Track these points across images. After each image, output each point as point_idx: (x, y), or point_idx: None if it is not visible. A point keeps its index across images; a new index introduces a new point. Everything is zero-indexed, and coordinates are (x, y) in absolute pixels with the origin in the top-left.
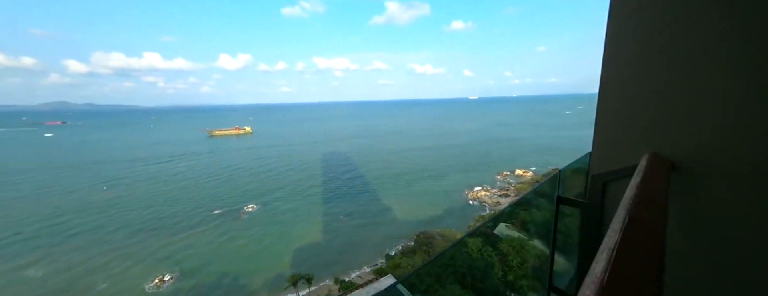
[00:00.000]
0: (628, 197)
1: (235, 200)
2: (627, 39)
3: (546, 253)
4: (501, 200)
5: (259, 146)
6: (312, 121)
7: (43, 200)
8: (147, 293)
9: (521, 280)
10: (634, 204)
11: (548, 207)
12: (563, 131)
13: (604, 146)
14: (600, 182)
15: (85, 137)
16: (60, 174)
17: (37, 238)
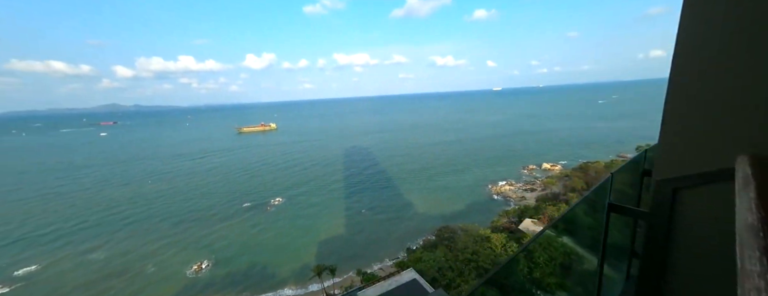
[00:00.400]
0: (746, 205)
1: (263, 194)
2: (714, 19)
3: (586, 259)
4: (526, 194)
5: (284, 142)
6: (333, 116)
7: (102, 193)
8: (188, 277)
9: (548, 278)
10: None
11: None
12: (596, 122)
13: (675, 147)
14: (669, 189)
15: (133, 135)
16: (114, 169)
17: (99, 226)
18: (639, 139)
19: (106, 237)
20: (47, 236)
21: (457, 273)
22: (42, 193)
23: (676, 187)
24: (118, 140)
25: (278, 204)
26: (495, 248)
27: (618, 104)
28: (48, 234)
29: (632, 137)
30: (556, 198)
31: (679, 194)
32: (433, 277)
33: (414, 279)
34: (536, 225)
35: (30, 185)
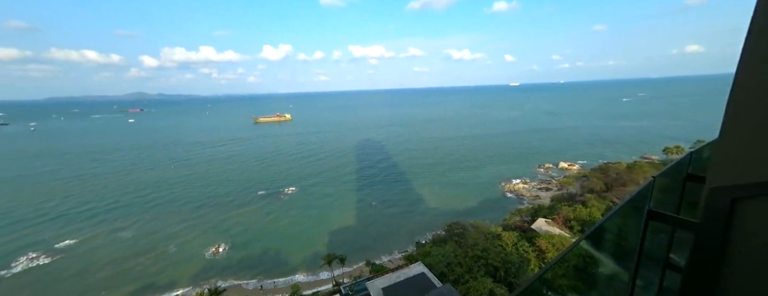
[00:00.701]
0: None
1: (277, 183)
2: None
3: (611, 269)
4: (541, 194)
5: (299, 133)
6: (348, 109)
7: (130, 176)
8: (206, 259)
9: (560, 279)
10: None
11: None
12: (619, 120)
13: (739, 151)
14: (726, 198)
15: (157, 123)
16: (140, 154)
17: (128, 207)
18: (667, 140)
19: (134, 217)
20: (84, 214)
21: (466, 270)
22: (79, 174)
23: (736, 196)
24: (144, 127)
25: (292, 193)
26: (506, 246)
27: (644, 103)
28: (84, 212)
29: (659, 138)
30: (572, 199)
31: (740, 205)
32: (442, 272)
33: (422, 272)
34: (550, 225)
35: (69, 166)
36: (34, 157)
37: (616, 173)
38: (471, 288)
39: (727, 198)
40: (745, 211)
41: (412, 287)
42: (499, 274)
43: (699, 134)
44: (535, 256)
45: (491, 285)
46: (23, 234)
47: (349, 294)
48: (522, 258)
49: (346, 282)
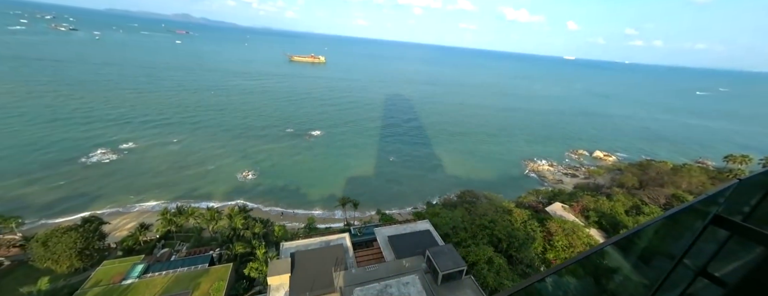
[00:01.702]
0: None
1: (305, 124)
2: None
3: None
4: (565, 179)
5: (331, 77)
6: (384, 59)
7: (178, 96)
8: (237, 180)
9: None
10: None
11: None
12: (683, 116)
13: None
14: None
15: (201, 47)
16: (186, 76)
17: (177, 124)
18: (733, 146)
19: (181, 134)
20: (141, 123)
21: (470, 235)
22: (136, 87)
23: None
24: (190, 50)
25: (317, 136)
26: (514, 221)
27: (723, 100)
28: (141, 121)
29: (724, 143)
30: (598, 190)
31: None
32: (446, 233)
33: (428, 230)
34: (566, 210)
35: (128, 78)
36: (102, 65)
37: (656, 173)
38: (471, 252)
39: None
40: None
41: (416, 241)
42: (501, 246)
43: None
44: (541, 237)
45: (491, 254)
46: (95, 132)
47: (356, 234)
48: (528, 236)
49: (356, 224)
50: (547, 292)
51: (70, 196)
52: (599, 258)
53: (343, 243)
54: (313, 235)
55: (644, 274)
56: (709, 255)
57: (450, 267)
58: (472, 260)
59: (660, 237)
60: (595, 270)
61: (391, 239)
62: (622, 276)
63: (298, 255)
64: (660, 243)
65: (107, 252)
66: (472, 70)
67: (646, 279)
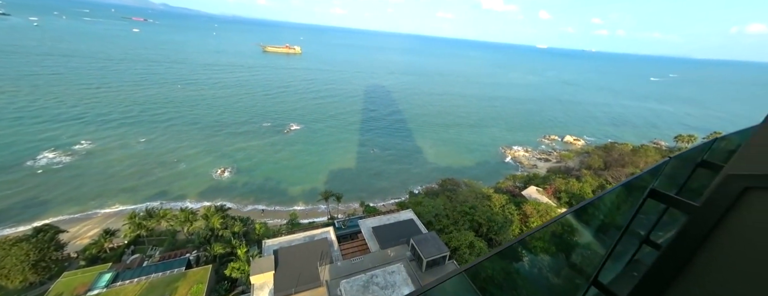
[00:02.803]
0: None
1: (283, 118)
2: None
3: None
4: (539, 163)
5: (308, 68)
6: (361, 49)
7: (140, 90)
8: (213, 179)
9: (536, 241)
10: None
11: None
12: (640, 101)
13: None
14: (738, 186)
15: (164, 36)
16: (150, 69)
17: (139, 120)
18: (682, 128)
19: (146, 131)
20: (96, 121)
21: (452, 222)
22: (88, 81)
23: (749, 185)
24: (151, 40)
25: (296, 130)
26: (493, 206)
27: (672, 85)
28: (96, 119)
29: (675, 125)
30: (569, 172)
31: (750, 194)
32: (429, 221)
33: (411, 219)
34: (540, 193)
35: (78, 71)
36: (46, 56)
37: (618, 154)
38: (453, 238)
39: (740, 186)
40: (754, 201)
41: (400, 230)
42: (482, 230)
43: (721, 126)
44: (518, 219)
45: (472, 238)
46: (48, 133)
47: (341, 227)
48: (506, 219)
49: (340, 218)
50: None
51: (19, 204)
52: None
53: (328, 236)
54: (297, 231)
55: (600, 241)
56: (651, 224)
57: (433, 253)
58: (454, 245)
59: (608, 210)
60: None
61: (375, 230)
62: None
63: (282, 251)
64: (609, 214)
65: (67, 263)
66: (451, 60)
67: (601, 247)
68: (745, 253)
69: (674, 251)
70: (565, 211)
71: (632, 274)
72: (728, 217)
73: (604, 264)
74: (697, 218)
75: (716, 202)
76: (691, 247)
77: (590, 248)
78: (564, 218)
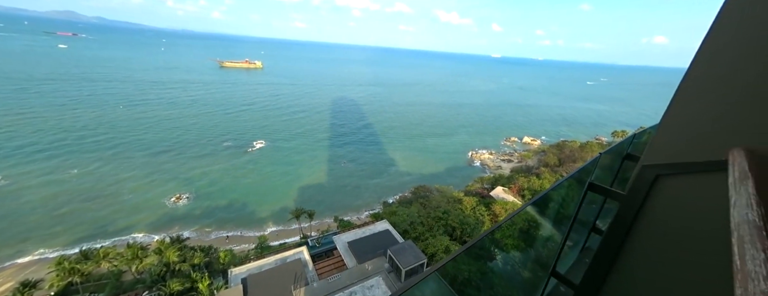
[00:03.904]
0: (744, 201)
1: (245, 135)
2: (753, 17)
3: (549, 232)
4: (503, 164)
5: (270, 83)
6: (325, 62)
7: (70, 113)
8: (166, 207)
9: (507, 239)
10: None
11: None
12: (582, 102)
13: (672, 134)
14: (651, 175)
15: (101, 53)
16: (82, 88)
17: (74, 150)
18: (617, 124)
19: (78, 160)
20: (14, 152)
21: (427, 228)
22: (7, 107)
23: (660, 173)
24: (83, 56)
25: (261, 147)
26: (465, 209)
27: (604, 87)
28: (15, 150)
29: (610, 122)
30: (529, 171)
31: (661, 181)
32: (405, 230)
33: (387, 229)
34: (506, 193)
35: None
36: None
37: (569, 151)
38: (429, 244)
39: (653, 174)
40: (664, 187)
41: (376, 242)
42: (456, 233)
43: (645, 122)
44: (489, 219)
45: (447, 242)
46: None
47: (315, 246)
48: (477, 221)
49: (313, 236)
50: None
51: None
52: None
53: (301, 256)
54: (267, 254)
55: (560, 234)
56: (595, 214)
57: (411, 262)
58: (431, 252)
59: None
60: (525, 234)
61: (351, 244)
62: (544, 238)
63: (251, 279)
64: (562, 208)
65: None
66: (415, 70)
67: (559, 239)
68: (662, 232)
69: (611, 236)
70: (523, 205)
71: (585, 261)
72: (647, 202)
73: (560, 255)
74: (625, 206)
75: (637, 190)
76: (623, 231)
77: (552, 240)
78: (527, 212)
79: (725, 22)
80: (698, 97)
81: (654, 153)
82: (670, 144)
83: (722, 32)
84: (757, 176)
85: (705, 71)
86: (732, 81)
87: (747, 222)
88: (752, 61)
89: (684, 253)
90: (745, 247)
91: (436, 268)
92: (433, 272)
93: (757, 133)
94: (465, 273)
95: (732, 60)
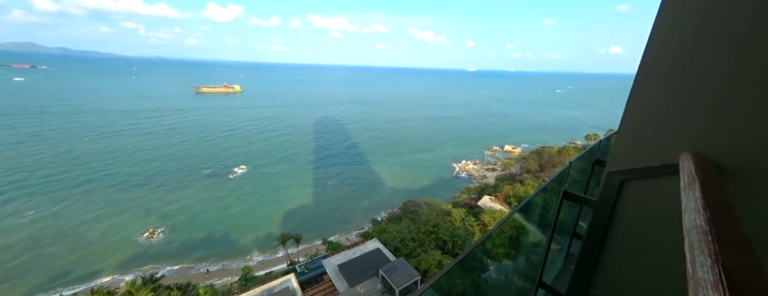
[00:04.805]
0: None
1: (225, 161)
2: (687, 21)
3: (531, 234)
4: (487, 174)
5: (250, 106)
6: (305, 83)
7: (34, 150)
8: (139, 244)
9: (498, 248)
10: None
11: (542, 194)
12: (555, 109)
13: (629, 140)
14: (617, 181)
15: (62, 84)
16: (46, 123)
17: (31, 191)
18: (589, 128)
19: (36, 200)
20: None
21: (419, 244)
22: None
23: (624, 179)
24: (42, 88)
25: (242, 173)
26: (454, 221)
27: (571, 94)
28: None
29: (584, 126)
30: (513, 178)
31: (626, 186)
32: (396, 247)
33: (377, 248)
34: (493, 201)
35: None
36: None
37: (548, 156)
38: (422, 260)
39: (618, 180)
40: (629, 191)
41: (367, 262)
42: (447, 247)
43: (613, 124)
44: (479, 229)
45: (440, 257)
46: None
47: (304, 272)
48: (468, 232)
49: (301, 261)
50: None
51: None
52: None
53: (289, 285)
54: (252, 286)
55: (544, 236)
56: (575, 220)
57: (405, 280)
58: (424, 268)
59: (547, 211)
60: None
61: (341, 267)
62: (532, 246)
63: None
64: (544, 210)
65: None
66: (394, 87)
67: (545, 242)
68: (633, 236)
69: (589, 242)
70: (509, 213)
71: (569, 268)
72: (617, 208)
73: (545, 264)
74: (598, 212)
75: (606, 195)
76: (600, 237)
77: (540, 246)
78: (514, 219)
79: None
80: (648, 102)
81: (617, 159)
82: (629, 149)
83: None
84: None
85: (651, 76)
86: (676, 84)
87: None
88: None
89: (653, 258)
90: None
91: (430, 284)
92: (427, 288)
93: (704, 135)
94: (460, 287)
95: (673, 62)
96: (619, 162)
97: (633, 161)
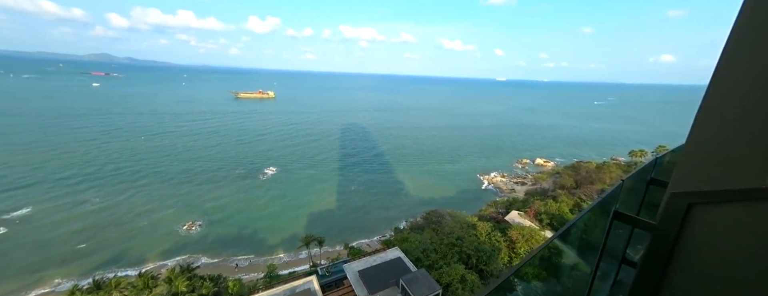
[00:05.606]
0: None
1: (257, 163)
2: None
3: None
4: (516, 187)
5: (282, 112)
6: (335, 90)
7: (103, 146)
8: (179, 234)
9: (526, 267)
10: None
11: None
12: (593, 122)
13: (700, 159)
14: (683, 204)
15: (127, 89)
16: (113, 123)
17: (98, 180)
18: (633, 143)
19: (101, 190)
20: (42, 184)
21: (441, 256)
22: (34, 140)
23: (692, 202)
24: (113, 93)
25: (272, 174)
26: (479, 235)
27: (612, 107)
28: (42, 181)
29: (628, 141)
30: (545, 194)
31: (694, 211)
32: (418, 257)
33: (399, 257)
34: (522, 217)
35: (25, 132)
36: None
37: (586, 172)
38: (444, 273)
39: (684, 203)
40: (698, 217)
41: (388, 270)
42: (471, 261)
43: (661, 141)
44: (505, 246)
45: (463, 271)
46: None
47: (325, 275)
48: (494, 247)
49: (323, 264)
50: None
51: None
52: (547, 251)
53: (311, 286)
54: (276, 284)
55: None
56: (624, 243)
57: (425, 293)
58: (445, 281)
59: (586, 233)
60: (547, 263)
61: (361, 273)
62: (570, 269)
63: None
64: (583, 232)
65: None
66: (421, 95)
67: (587, 269)
68: (704, 266)
69: (647, 269)
70: (551, 236)
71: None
72: (683, 233)
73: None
74: (658, 237)
75: (669, 219)
76: (660, 264)
77: (577, 270)
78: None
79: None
80: (725, 114)
81: (683, 180)
82: (699, 168)
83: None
84: None
85: (730, 85)
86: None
87: None
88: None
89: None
90: None
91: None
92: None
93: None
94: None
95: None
96: (686, 183)
97: (704, 182)
